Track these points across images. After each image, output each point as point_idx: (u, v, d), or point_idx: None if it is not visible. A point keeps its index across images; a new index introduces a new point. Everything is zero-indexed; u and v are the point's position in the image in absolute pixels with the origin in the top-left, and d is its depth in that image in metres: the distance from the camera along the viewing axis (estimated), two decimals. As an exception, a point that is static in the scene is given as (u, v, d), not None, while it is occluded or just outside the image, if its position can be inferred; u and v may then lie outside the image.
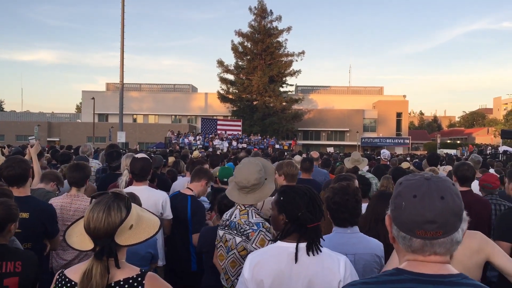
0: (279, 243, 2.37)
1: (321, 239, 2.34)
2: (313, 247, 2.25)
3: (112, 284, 1.88)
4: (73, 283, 1.94)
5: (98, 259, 1.85)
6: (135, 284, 1.92)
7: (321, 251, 2.26)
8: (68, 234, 2.02)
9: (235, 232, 2.98)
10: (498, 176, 8.02)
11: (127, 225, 1.92)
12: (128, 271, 1.95)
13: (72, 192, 4.12)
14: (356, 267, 2.62)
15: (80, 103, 68.64)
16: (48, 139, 52.31)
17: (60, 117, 67.47)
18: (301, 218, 2.32)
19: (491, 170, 9.04)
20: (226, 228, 3.09)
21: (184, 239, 4.36)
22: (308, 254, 2.24)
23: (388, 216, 1.46)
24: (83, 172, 4.17)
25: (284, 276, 2.25)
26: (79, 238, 1.97)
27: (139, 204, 3.53)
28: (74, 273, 1.97)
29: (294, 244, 2.27)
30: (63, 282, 1.98)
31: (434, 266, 1.37)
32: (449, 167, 7.67)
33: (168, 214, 4.29)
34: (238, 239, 2.94)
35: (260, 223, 2.93)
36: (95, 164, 7.33)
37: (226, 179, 5.26)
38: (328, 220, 2.86)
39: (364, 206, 3.48)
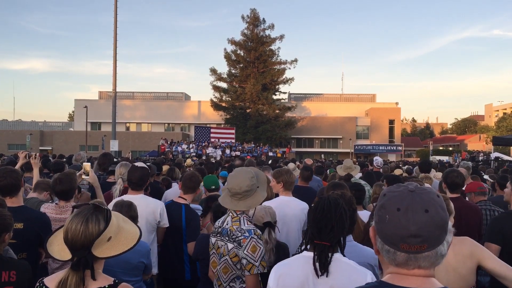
0: (304, 252, 2.34)
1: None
2: (323, 264, 2.21)
3: None
4: None
5: (74, 270, 1.87)
6: None
7: (329, 272, 2.22)
8: (50, 241, 2.04)
9: (227, 238, 3.01)
10: (491, 181, 8.14)
11: (105, 237, 1.93)
12: (101, 281, 1.95)
13: (61, 204, 4.08)
14: None
15: (73, 112, 68.30)
16: (41, 148, 51.94)
17: (52, 126, 67.08)
18: (308, 230, 2.33)
19: (485, 176, 9.13)
20: (218, 235, 3.12)
21: (178, 248, 4.37)
22: (316, 272, 2.22)
23: (373, 228, 1.44)
24: (68, 185, 4.06)
25: (308, 287, 2.24)
26: (59, 247, 1.98)
27: (135, 214, 3.56)
28: (51, 281, 1.98)
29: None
30: None
31: (417, 280, 1.35)
32: (440, 174, 7.73)
33: (165, 223, 4.30)
34: (230, 246, 2.97)
35: (252, 230, 2.95)
36: (88, 173, 7.32)
37: (213, 187, 5.29)
38: None
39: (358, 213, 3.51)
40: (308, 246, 2.33)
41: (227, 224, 3.08)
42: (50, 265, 3.99)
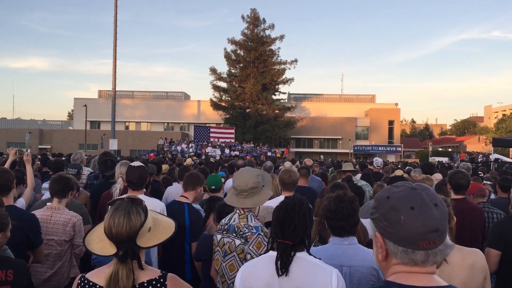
0: (270, 252, 2.36)
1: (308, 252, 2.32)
2: (284, 263, 2.22)
3: (137, 286, 1.96)
4: (97, 286, 2.01)
5: (122, 262, 1.92)
6: (158, 285, 2.00)
7: (289, 272, 2.22)
8: (87, 241, 2.08)
9: (234, 235, 3.01)
10: (490, 183, 8.14)
11: (146, 227, 2.00)
12: (150, 273, 2.03)
13: (53, 205, 4.01)
14: (351, 279, 2.60)
15: (72, 110, 68.32)
16: (40, 146, 51.91)
17: (51, 125, 67.08)
18: (272, 228, 2.34)
19: (484, 181, 9.10)
20: (224, 232, 3.11)
21: (180, 248, 4.33)
22: (277, 271, 2.22)
23: (379, 234, 1.42)
24: (67, 184, 4.07)
25: (273, 286, 2.24)
26: (99, 245, 2.03)
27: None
28: (97, 276, 2.04)
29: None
30: (87, 286, 2.03)
31: (423, 278, 1.35)
32: (439, 175, 7.71)
33: None
34: (237, 242, 2.97)
35: (259, 227, 2.97)
36: (87, 172, 7.27)
37: (213, 187, 5.25)
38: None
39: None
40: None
41: (234, 221, 3.08)
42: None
